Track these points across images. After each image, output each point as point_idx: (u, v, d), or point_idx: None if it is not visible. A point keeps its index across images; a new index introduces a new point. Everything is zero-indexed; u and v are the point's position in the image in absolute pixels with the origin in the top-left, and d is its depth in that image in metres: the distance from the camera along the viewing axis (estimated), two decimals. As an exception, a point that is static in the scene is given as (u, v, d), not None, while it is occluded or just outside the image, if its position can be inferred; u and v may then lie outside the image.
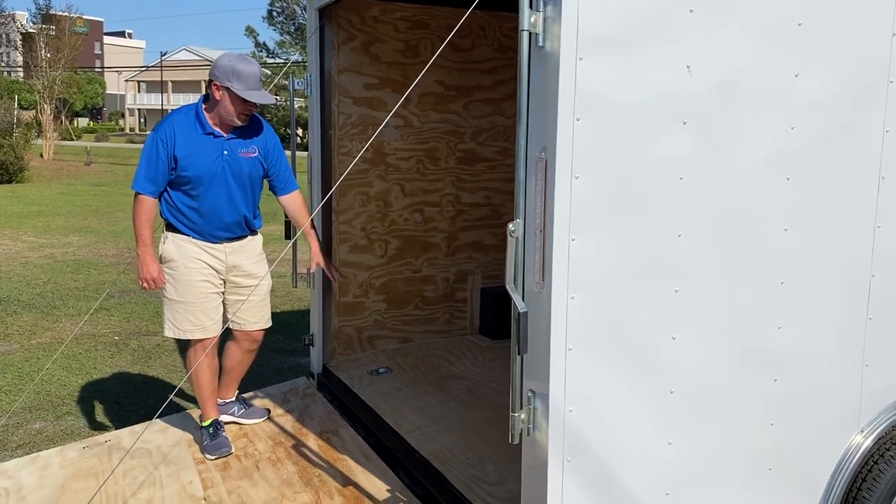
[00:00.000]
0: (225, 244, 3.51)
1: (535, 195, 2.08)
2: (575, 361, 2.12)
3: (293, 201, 3.68)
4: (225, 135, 3.39)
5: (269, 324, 3.73)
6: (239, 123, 3.36)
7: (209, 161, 3.36)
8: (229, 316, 3.59)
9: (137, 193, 3.36)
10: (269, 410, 3.93)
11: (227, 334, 3.67)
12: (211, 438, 3.54)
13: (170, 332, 3.51)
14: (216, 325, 3.52)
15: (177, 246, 3.44)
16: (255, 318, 3.65)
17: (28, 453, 3.78)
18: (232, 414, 3.81)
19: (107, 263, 9.59)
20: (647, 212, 2.16)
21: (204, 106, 3.39)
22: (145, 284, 3.40)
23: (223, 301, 3.59)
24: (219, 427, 3.60)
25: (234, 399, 3.84)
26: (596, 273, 2.12)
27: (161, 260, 3.48)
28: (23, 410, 4.79)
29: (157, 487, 3.22)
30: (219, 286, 3.54)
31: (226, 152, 3.39)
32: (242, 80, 3.25)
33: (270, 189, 3.67)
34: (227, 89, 3.26)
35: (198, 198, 3.40)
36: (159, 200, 3.43)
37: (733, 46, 2.20)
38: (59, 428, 4.52)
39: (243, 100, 3.27)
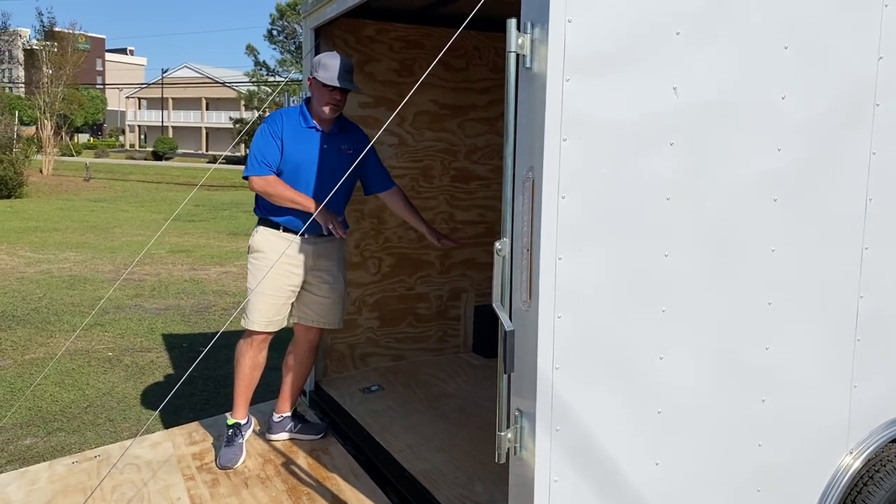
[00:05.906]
0: (315, 240, 3.60)
1: (523, 214, 2.09)
2: (562, 380, 2.12)
3: (396, 195, 3.78)
4: (326, 130, 3.56)
5: (339, 325, 3.82)
6: (327, 114, 3.49)
7: (311, 151, 3.53)
8: (296, 313, 3.70)
9: (255, 177, 3.45)
10: (328, 424, 3.90)
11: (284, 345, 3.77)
12: (226, 443, 3.61)
13: (243, 323, 3.61)
14: (281, 322, 3.63)
15: (266, 239, 3.56)
16: (327, 317, 3.73)
17: (17, 469, 3.77)
18: (289, 430, 3.80)
19: (103, 279, 9.58)
20: (634, 232, 2.17)
21: (307, 105, 3.58)
22: (333, 225, 3.43)
23: (294, 299, 3.68)
24: (237, 433, 3.63)
25: (289, 414, 3.82)
26: (583, 292, 2.12)
27: (249, 250, 3.64)
28: (13, 426, 4.77)
29: (144, 504, 3.21)
30: (297, 284, 3.62)
31: (325, 146, 3.55)
32: (327, 70, 3.43)
33: (367, 191, 3.78)
34: (314, 79, 3.46)
35: (297, 185, 3.51)
36: (256, 199, 3.60)
37: (720, 68, 2.22)
38: (49, 444, 4.51)
39: (329, 89, 3.43)
